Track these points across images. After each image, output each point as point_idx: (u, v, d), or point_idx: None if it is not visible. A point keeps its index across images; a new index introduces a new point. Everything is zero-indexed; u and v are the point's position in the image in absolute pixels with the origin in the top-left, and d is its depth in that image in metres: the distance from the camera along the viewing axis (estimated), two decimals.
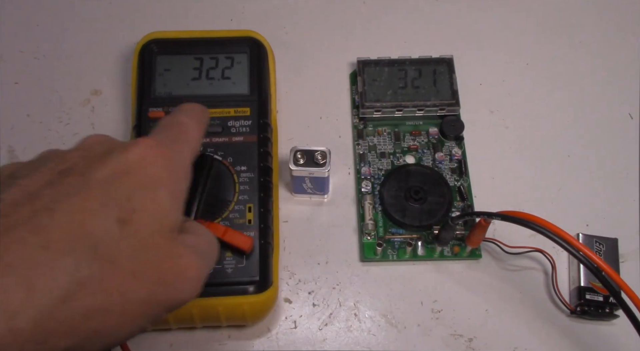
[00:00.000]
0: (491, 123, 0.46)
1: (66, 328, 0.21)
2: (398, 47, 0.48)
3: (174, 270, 0.24)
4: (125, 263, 0.22)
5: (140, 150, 0.24)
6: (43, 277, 0.20)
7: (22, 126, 0.44)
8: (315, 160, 0.38)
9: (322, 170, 0.38)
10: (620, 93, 0.47)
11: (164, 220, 0.24)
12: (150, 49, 0.42)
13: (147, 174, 0.24)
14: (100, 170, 0.23)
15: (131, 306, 0.23)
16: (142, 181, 0.24)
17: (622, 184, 0.44)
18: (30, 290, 0.20)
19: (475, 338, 0.38)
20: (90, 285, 0.21)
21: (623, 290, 0.32)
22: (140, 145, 0.25)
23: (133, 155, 0.24)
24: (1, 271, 0.20)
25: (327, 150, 0.38)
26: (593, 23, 0.50)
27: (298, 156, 0.38)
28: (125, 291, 0.22)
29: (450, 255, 0.40)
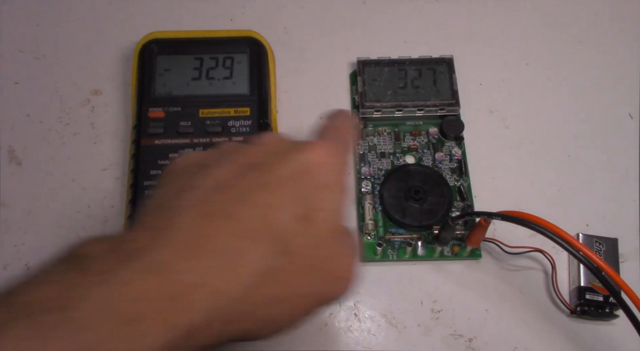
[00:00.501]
0: (491, 123, 0.46)
1: (248, 313, 0.23)
2: (398, 47, 0.48)
3: (339, 269, 0.26)
4: (302, 259, 0.24)
5: (319, 153, 0.25)
6: (236, 264, 0.22)
7: (22, 126, 0.44)
8: None
9: None
10: (620, 93, 0.47)
11: (337, 221, 0.25)
12: (150, 49, 0.42)
13: (325, 176, 0.25)
14: (283, 168, 0.25)
15: (300, 299, 0.24)
16: (321, 182, 0.25)
17: (622, 184, 0.44)
18: (226, 275, 0.22)
19: (475, 338, 0.38)
20: (274, 276, 0.23)
21: (623, 290, 0.32)
22: (318, 148, 0.26)
23: (313, 156, 0.25)
24: (205, 255, 0.21)
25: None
26: (593, 23, 0.50)
27: None
28: (299, 284, 0.24)
29: (450, 255, 0.40)
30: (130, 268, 0.20)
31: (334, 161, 0.26)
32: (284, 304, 0.24)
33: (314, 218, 0.24)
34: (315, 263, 0.24)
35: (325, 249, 0.25)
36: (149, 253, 0.21)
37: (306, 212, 0.24)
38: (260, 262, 0.23)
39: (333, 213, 0.25)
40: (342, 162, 0.27)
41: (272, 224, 0.23)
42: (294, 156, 0.25)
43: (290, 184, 0.24)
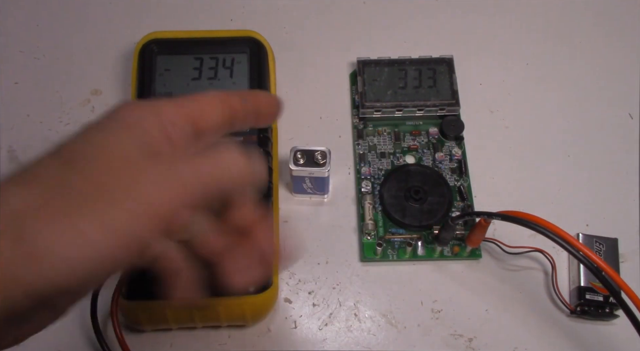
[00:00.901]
0: (491, 123, 0.46)
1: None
2: (398, 47, 0.48)
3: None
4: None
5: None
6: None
7: (22, 126, 0.44)
8: (315, 160, 0.38)
9: (322, 170, 0.38)
10: (620, 94, 0.47)
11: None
12: (150, 49, 0.42)
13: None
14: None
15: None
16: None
17: (622, 184, 0.44)
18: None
19: (475, 338, 0.38)
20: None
21: (623, 290, 0.32)
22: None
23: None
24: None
25: (327, 150, 0.38)
26: (593, 23, 0.50)
27: (298, 156, 0.38)
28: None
29: (450, 255, 0.40)
30: None
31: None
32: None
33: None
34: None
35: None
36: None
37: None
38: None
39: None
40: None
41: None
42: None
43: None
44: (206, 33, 0.43)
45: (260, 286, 0.35)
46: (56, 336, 0.37)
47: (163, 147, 0.24)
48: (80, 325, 0.38)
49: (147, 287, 0.35)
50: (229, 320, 0.36)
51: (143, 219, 0.22)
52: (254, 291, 0.35)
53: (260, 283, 0.33)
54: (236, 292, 0.25)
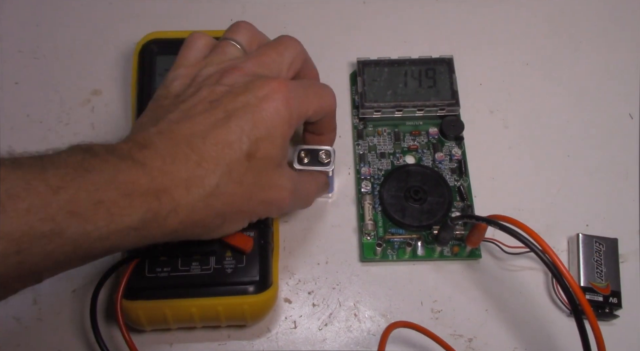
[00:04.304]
0: (491, 123, 0.46)
1: (202, 222, 0.30)
2: (398, 47, 0.48)
3: (273, 198, 0.33)
4: (247, 187, 0.31)
5: (269, 88, 0.32)
6: (194, 185, 0.29)
7: (22, 126, 0.44)
8: (320, 160, 0.38)
9: (327, 168, 0.38)
10: (620, 93, 0.47)
11: (277, 157, 0.32)
12: (150, 49, 0.42)
13: (269, 111, 0.31)
14: (239, 109, 0.31)
15: (240, 215, 0.32)
16: (265, 123, 0.31)
17: (622, 184, 0.44)
18: (187, 189, 0.29)
19: (475, 338, 0.38)
20: (223, 197, 0.30)
21: (580, 300, 0.32)
22: (269, 84, 0.32)
23: (263, 91, 0.31)
24: (172, 171, 0.29)
25: (332, 150, 0.38)
26: (593, 23, 0.50)
27: (302, 155, 0.38)
28: (241, 204, 0.32)
29: (450, 255, 0.40)
30: (124, 162, 0.28)
31: (282, 96, 0.31)
32: (227, 218, 0.32)
33: (259, 156, 0.31)
34: (256, 191, 0.32)
35: (265, 180, 0.32)
36: (135, 156, 0.28)
37: (253, 150, 0.31)
38: (212, 186, 0.30)
39: (275, 151, 0.32)
40: (290, 97, 0.32)
41: (227, 159, 0.30)
42: (248, 93, 0.31)
43: (242, 123, 0.31)
44: (206, 33, 0.43)
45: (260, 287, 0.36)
46: (56, 336, 0.37)
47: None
48: (80, 325, 0.38)
49: (147, 287, 0.35)
50: (228, 320, 0.36)
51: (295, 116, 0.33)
52: (254, 291, 0.35)
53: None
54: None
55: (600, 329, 0.32)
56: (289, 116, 0.32)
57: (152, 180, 0.28)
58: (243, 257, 0.36)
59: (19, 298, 0.38)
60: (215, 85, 0.32)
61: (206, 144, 0.30)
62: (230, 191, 0.30)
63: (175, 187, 0.29)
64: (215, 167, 0.30)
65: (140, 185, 0.28)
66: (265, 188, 0.32)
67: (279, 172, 0.33)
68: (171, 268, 0.35)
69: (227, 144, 0.30)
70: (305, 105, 0.33)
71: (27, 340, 0.37)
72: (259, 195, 0.32)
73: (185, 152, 0.30)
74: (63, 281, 0.39)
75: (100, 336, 0.35)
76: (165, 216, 0.29)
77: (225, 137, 0.30)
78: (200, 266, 0.35)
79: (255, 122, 0.31)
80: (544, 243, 0.32)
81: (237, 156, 0.30)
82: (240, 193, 0.31)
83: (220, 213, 0.31)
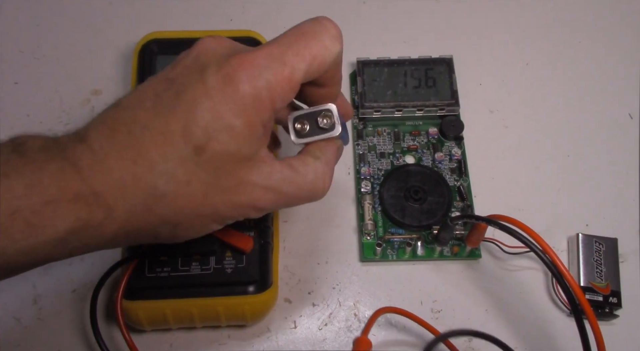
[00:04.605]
0: (491, 123, 0.46)
1: (147, 228, 0.26)
2: (398, 47, 0.48)
3: (243, 198, 0.27)
4: (199, 187, 0.26)
5: (231, 70, 0.25)
6: (132, 185, 0.25)
7: (22, 126, 0.44)
8: (321, 125, 0.31)
9: (332, 134, 0.31)
10: (620, 94, 0.47)
11: (239, 151, 0.26)
12: (150, 49, 0.42)
13: (229, 100, 0.25)
14: (190, 91, 0.25)
15: (199, 220, 0.27)
16: (221, 109, 0.25)
17: (622, 184, 0.44)
18: (122, 191, 0.25)
19: (476, 338, 0.38)
20: (166, 200, 0.25)
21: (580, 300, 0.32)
22: (235, 63, 0.25)
23: (221, 75, 0.25)
24: (101, 176, 0.25)
25: (332, 107, 0.30)
26: (593, 23, 0.50)
27: (298, 126, 0.31)
28: (195, 208, 0.26)
29: (450, 255, 0.40)
30: (53, 162, 0.24)
31: (246, 74, 0.25)
32: (177, 223, 0.27)
33: (208, 148, 0.25)
34: (210, 191, 0.26)
35: (224, 177, 0.26)
36: (68, 153, 0.25)
37: (202, 142, 0.25)
38: (150, 187, 0.25)
39: (233, 143, 0.25)
40: (257, 84, 0.26)
41: (166, 154, 0.25)
42: (207, 75, 0.25)
43: (191, 111, 0.25)
44: (206, 33, 0.43)
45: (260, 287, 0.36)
46: (56, 337, 0.37)
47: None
48: (80, 325, 0.38)
49: (147, 287, 0.35)
50: (229, 320, 0.36)
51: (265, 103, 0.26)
52: (254, 290, 0.35)
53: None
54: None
55: (600, 329, 0.31)
56: (256, 99, 0.25)
57: (82, 181, 0.24)
58: (243, 256, 0.36)
59: (19, 298, 0.38)
60: (185, 58, 0.27)
61: (145, 136, 0.25)
62: (173, 193, 0.25)
63: (108, 190, 0.25)
64: (152, 165, 0.25)
65: (68, 190, 0.24)
66: (227, 189, 0.26)
67: (246, 168, 0.27)
68: (171, 268, 0.35)
69: (169, 135, 0.25)
70: (284, 79, 0.26)
71: (27, 340, 0.37)
72: (220, 196, 0.26)
73: (121, 146, 0.25)
74: (63, 281, 0.39)
75: (100, 337, 0.35)
76: (98, 223, 0.25)
77: (167, 127, 0.25)
78: (200, 266, 0.35)
79: (208, 107, 0.25)
80: (543, 243, 0.32)
81: (182, 150, 0.25)
82: (190, 195, 0.26)
83: (166, 218, 0.26)
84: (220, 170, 0.26)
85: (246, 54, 0.26)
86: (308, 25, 0.28)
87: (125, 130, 0.25)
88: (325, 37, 0.28)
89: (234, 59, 0.26)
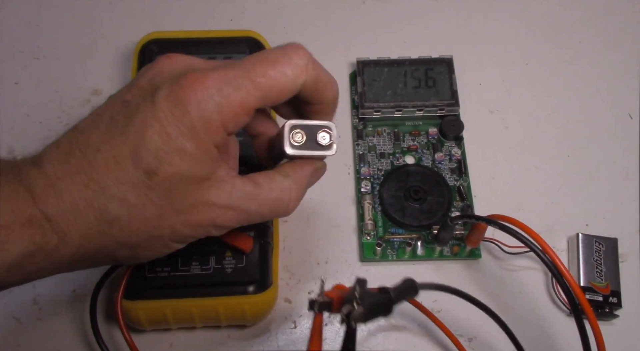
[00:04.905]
0: (491, 123, 0.46)
1: (104, 251, 0.26)
2: (398, 47, 0.48)
3: (200, 218, 0.27)
4: (154, 210, 0.26)
5: (181, 91, 0.25)
6: (85, 210, 0.25)
7: (22, 126, 0.44)
8: (318, 141, 0.29)
9: (328, 152, 0.30)
10: (620, 94, 0.47)
11: (193, 173, 0.26)
12: (150, 49, 0.42)
13: (178, 122, 0.25)
14: (140, 114, 0.25)
15: (158, 241, 0.27)
16: (171, 131, 0.25)
17: (622, 184, 0.44)
18: (75, 216, 0.25)
19: (475, 338, 0.38)
20: (120, 224, 0.25)
21: (580, 300, 0.32)
22: (185, 84, 0.25)
23: (171, 97, 0.25)
24: (54, 200, 0.25)
25: (332, 126, 0.29)
26: (593, 23, 0.50)
27: (295, 137, 0.29)
28: (152, 230, 0.26)
29: (450, 255, 0.40)
30: (7, 186, 0.25)
31: (195, 96, 0.25)
32: (134, 246, 0.27)
33: (160, 171, 0.25)
34: (166, 213, 0.26)
35: (179, 199, 0.26)
36: (23, 177, 0.25)
37: (151, 164, 0.25)
38: (102, 211, 0.25)
39: (185, 165, 0.25)
40: (207, 94, 0.25)
41: (117, 178, 0.25)
42: (158, 97, 0.25)
43: (141, 134, 0.25)
44: (206, 33, 0.43)
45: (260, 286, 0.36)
46: (56, 337, 0.37)
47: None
48: (80, 325, 0.38)
49: (147, 287, 0.35)
50: (229, 320, 0.36)
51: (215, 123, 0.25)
52: (254, 290, 0.35)
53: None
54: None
55: (600, 329, 0.31)
56: (206, 121, 0.25)
57: (35, 206, 0.24)
58: (243, 256, 0.36)
59: (19, 298, 0.38)
60: (141, 79, 0.27)
61: (98, 160, 0.25)
62: (126, 217, 0.25)
63: (61, 214, 0.25)
64: (103, 189, 0.25)
65: (21, 214, 0.24)
66: (183, 210, 0.26)
67: (203, 189, 0.26)
68: (171, 268, 0.35)
69: (120, 159, 0.25)
70: (236, 103, 0.25)
71: (27, 340, 0.37)
72: (176, 218, 0.26)
73: (74, 170, 0.25)
74: (63, 281, 0.39)
75: (100, 337, 0.35)
76: (53, 248, 0.25)
77: (119, 150, 0.25)
78: (200, 266, 0.35)
79: (157, 130, 0.25)
80: (543, 243, 0.32)
81: (133, 174, 0.25)
82: (143, 218, 0.26)
83: (121, 241, 0.26)
84: (175, 192, 0.26)
85: (198, 74, 0.25)
86: (272, 53, 0.27)
87: (79, 154, 0.25)
88: (287, 67, 0.27)
89: (185, 79, 0.25)
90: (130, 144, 0.25)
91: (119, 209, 0.25)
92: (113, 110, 0.26)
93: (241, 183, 0.27)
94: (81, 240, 0.25)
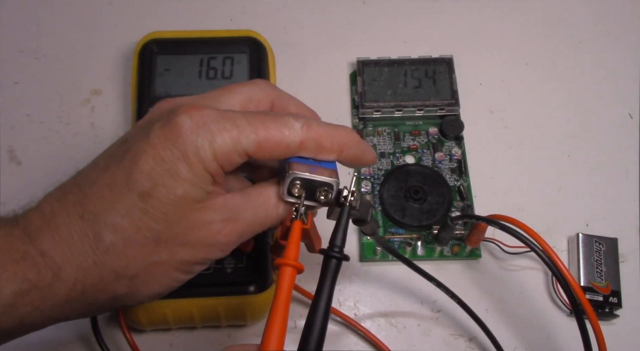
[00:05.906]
0: (491, 123, 0.46)
1: (101, 285, 0.25)
2: (398, 47, 0.48)
3: (201, 237, 0.26)
4: (151, 234, 0.25)
5: (177, 117, 0.25)
6: (80, 241, 0.25)
7: (22, 126, 0.44)
8: (317, 198, 0.28)
9: (319, 205, 0.29)
10: (620, 94, 0.47)
11: (187, 195, 0.25)
12: (150, 49, 0.42)
13: (171, 145, 0.25)
14: (136, 145, 0.26)
15: (155, 268, 0.26)
16: (164, 154, 0.25)
17: (622, 184, 0.44)
18: (70, 248, 0.25)
19: (475, 338, 0.38)
20: (116, 251, 0.25)
21: (580, 300, 0.32)
22: (181, 110, 0.26)
23: (166, 124, 0.25)
24: (49, 235, 0.25)
25: (335, 183, 0.28)
26: (593, 23, 0.50)
27: (294, 190, 0.28)
28: (149, 256, 0.26)
29: (450, 255, 0.40)
30: (4, 231, 0.25)
31: (189, 124, 0.25)
32: (133, 277, 0.26)
33: (154, 194, 0.25)
34: (164, 236, 0.26)
35: (176, 220, 0.26)
36: (18, 217, 0.26)
37: (144, 187, 0.25)
38: (96, 240, 0.25)
39: (180, 187, 0.25)
40: (200, 123, 0.25)
41: (110, 205, 0.25)
42: (152, 129, 0.26)
43: (135, 154, 0.25)
44: (206, 33, 0.43)
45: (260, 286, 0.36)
46: (56, 337, 0.37)
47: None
48: (81, 325, 0.38)
49: None
50: (229, 320, 0.36)
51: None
52: (254, 290, 0.35)
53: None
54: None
55: (601, 328, 0.32)
56: (199, 147, 0.25)
57: (30, 243, 0.24)
58: (243, 256, 0.36)
59: None
60: (141, 120, 0.28)
61: (93, 191, 0.25)
62: (121, 243, 0.25)
63: (55, 248, 0.25)
64: (97, 218, 0.25)
65: (14, 251, 0.24)
66: (182, 233, 0.26)
67: (200, 209, 0.26)
68: None
69: (114, 186, 0.25)
70: (231, 136, 0.25)
71: (27, 340, 0.37)
72: (174, 240, 0.26)
73: (69, 205, 0.25)
74: None
75: (101, 336, 0.35)
76: (48, 284, 0.24)
77: (113, 178, 0.25)
78: None
79: (151, 154, 0.25)
80: (544, 242, 0.32)
81: (127, 199, 0.25)
82: (139, 243, 0.25)
83: (119, 271, 0.26)
84: (171, 215, 0.25)
85: (196, 103, 0.26)
86: (278, 115, 0.27)
87: (76, 189, 0.26)
88: (286, 129, 0.27)
89: (182, 107, 0.26)
90: (124, 171, 0.25)
91: (114, 235, 0.25)
92: (112, 149, 0.27)
93: (231, 195, 0.27)
94: (77, 273, 0.25)
